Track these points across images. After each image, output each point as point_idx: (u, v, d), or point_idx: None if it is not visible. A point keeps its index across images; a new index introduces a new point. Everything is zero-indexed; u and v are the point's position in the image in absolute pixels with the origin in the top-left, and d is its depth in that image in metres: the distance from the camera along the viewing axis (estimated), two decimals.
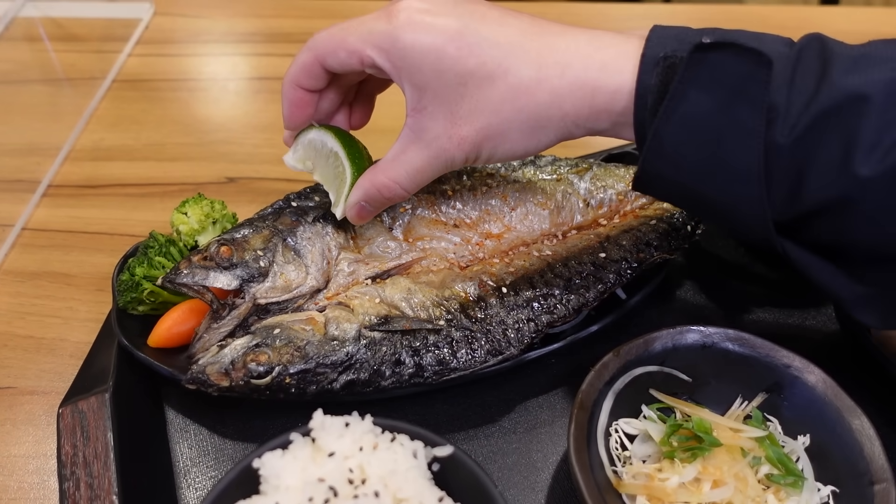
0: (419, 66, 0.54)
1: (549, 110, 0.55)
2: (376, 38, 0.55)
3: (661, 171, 0.54)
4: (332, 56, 0.58)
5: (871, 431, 0.57)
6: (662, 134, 0.52)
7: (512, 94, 0.55)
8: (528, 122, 0.56)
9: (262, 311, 0.66)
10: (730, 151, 0.50)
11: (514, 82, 0.54)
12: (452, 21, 0.54)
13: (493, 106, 0.55)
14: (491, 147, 0.58)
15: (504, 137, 0.57)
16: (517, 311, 0.66)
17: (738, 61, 0.49)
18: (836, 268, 0.54)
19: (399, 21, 0.54)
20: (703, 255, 0.81)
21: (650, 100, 0.52)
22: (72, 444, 0.59)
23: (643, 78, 0.52)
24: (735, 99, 0.50)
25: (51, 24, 1.28)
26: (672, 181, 0.54)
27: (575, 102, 0.54)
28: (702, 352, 0.63)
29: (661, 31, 0.53)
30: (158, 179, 0.96)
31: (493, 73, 0.54)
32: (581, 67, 0.54)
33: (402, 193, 0.61)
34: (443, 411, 0.68)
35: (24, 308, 0.80)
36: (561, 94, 0.54)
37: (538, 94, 0.54)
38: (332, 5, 1.34)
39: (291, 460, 0.50)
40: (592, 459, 0.57)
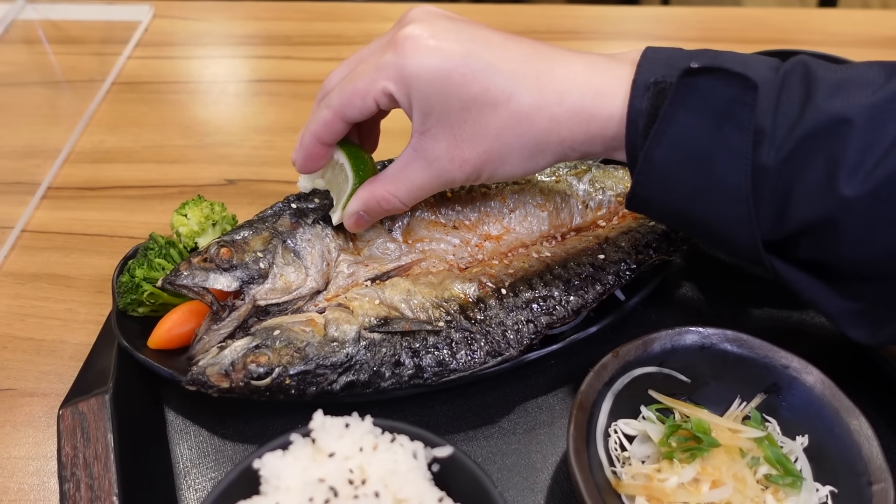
0: (426, 92, 0.56)
1: (547, 136, 0.56)
2: (385, 72, 0.56)
3: (653, 193, 0.55)
4: (350, 107, 0.59)
5: (870, 432, 0.57)
6: (653, 157, 0.53)
7: (513, 121, 0.56)
8: (528, 146, 0.57)
9: (261, 312, 0.66)
10: (718, 174, 0.52)
11: (515, 109, 0.56)
12: (457, 47, 0.55)
13: (495, 132, 0.57)
14: (491, 169, 0.59)
15: (504, 161, 0.59)
16: (516, 313, 0.66)
17: (725, 86, 0.51)
18: (823, 284, 0.55)
19: (405, 50, 0.55)
20: (701, 256, 0.82)
21: (641, 123, 0.53)
22: (72, 445, 0.60)
23: (634, 102, 0.54)
24: (723, 122, 0.51)
25: (50, 26, 1.28)
26: (663, 202, 0.56)
27: (572, 128, 0.56)
28: (700, 353, 0.63)
29: (651, 55, 0.55)
30: (158, 181, 0.96)
31: (496, 99, 0.56)
32: (578, 95, 0.55)
33: (400, 207, 0.63)
34: (442, 412, 0.68)
35: (24, 310, 0.80)
36: (559, 120, 0.56)
37: (538, 121, 0.56)
38: (330, 8, 1.34)
39: (292, 461, 0.50)
40: (592, 460, 0.58)
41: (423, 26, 0.56)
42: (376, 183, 0.63)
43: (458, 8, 1.49)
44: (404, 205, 0.63)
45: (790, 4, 2.50)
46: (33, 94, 1.14)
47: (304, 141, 0.63)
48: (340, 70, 0.64)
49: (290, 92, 1.12)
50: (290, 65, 1.18)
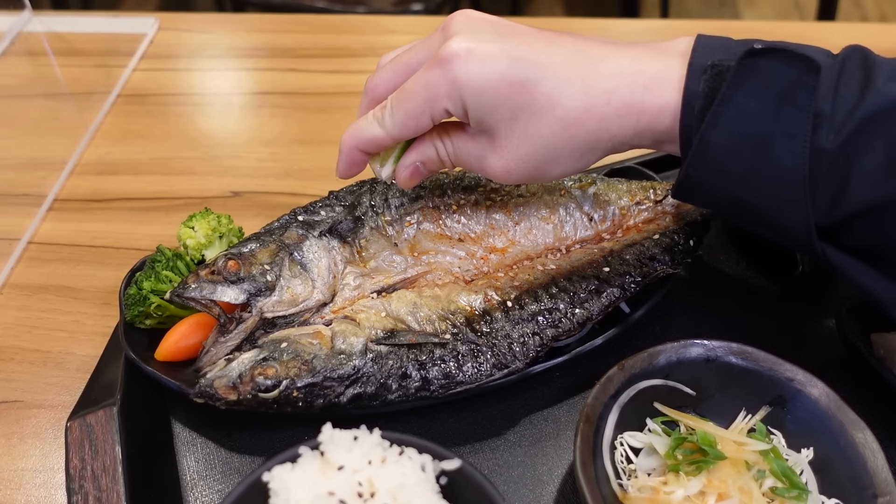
0: (477, 103, 0.56)
1: (597, 135, 0.57)
2: (437, 90, 0.56)
3: (706, 176, 0.55)
4: (405, 129, 0.60)
5: (875, 445, 0.57)
6: (709, 139, 0.53)
7: (561, 127, 0.56)
8: (578, 148, 0.58)
9: (268, 324, 0.66)
10: (776, 156, 0.52)
11: (562, 115, 0.56)
12: (503, 56, 0.55)
13: (544, 140, 0.57)
14: (540, 174, 0.60)
15: (553, 165, 0.59)
16: (522, 325, 0.66)
17: (787, 67, 0.51)
18: (875, 271, 0.55)
19: (454, 65, 0.55)
20: (705, 268, 0.82)
21: (697, 106, 0.53)
22: (80, 457, 0.60)
23: (690, 85, 0.54)
24: (783, 104, 0.51)
25: (55, 38, 1.29)
26: (715, 187, 0.56)
27: (622, 125, 0.56)
28: (705, 365, 0.64)
29: (705, 42, 0.55)
30: (164, 193, 0.97)
31: (542, 108, 0.56)
32: (626, 93, 0.55)
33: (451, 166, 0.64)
34: (448, 424, 0.68)
35: (31, 322, 0.81)
36: (608, 119, 0.56)
37: (586, 123, 0.56)
38: (334, 20, 1.35)
39: (301, 474, 0.50)
40: (598, 473, 0.58)
41: (469, 38, 0.56)
42: (434, 132, 0.62)
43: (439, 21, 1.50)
44: (452, 166, 0.64)
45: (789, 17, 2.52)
46: (39, 106, 1.15)
47: (346, 151, 0.63)
48: (387, 75, 0.62)
49: (294, 104, 1.13)
50: (295, 77, 1.19)
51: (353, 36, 1.29)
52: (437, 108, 0.57)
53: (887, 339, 0.69)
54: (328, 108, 1.12)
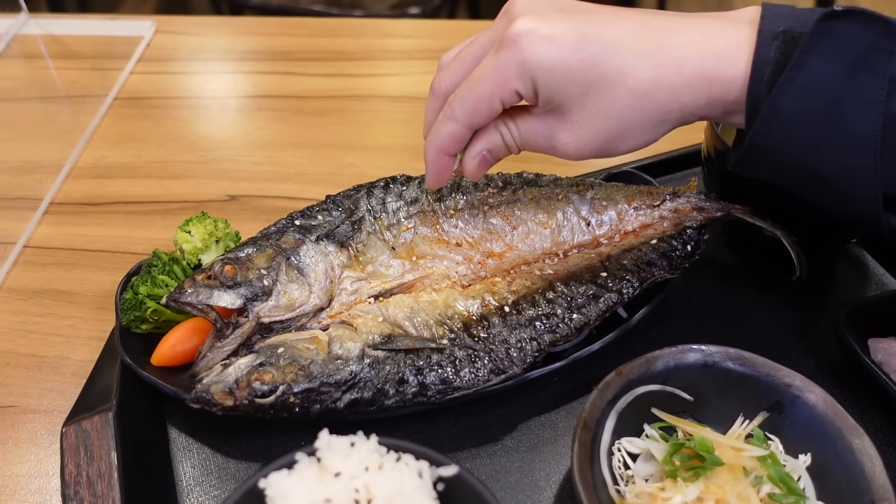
0: (548, 83, 0.56)
1: (668, 105, 0.56)
2: (507, 72, 0.56)
3: (772, 144, 0.54)
4: (477, 115, 0.59)
5: (873, 450, 0.57)
6: (779, 104, 0.52)
7: (633, 99, 0.56)
8: (650, 120, 0.57)
9: (265, 329, 0.66)
10: (848, 122, 0.51)
11: (633, 86, 0.55)
12: (570, 34, 0.55)
13: (616, 112, 0.57)
14: (610, 149, 0.59)
15: (624, 138, 0.59)
16: (520, 330, 0.66)
17: (863, 31, 0.50)
18: None
19: (522, 45, 0.55)
20: (703, 274, 0.82)
21: (767, 72, 0.53)
22: (75, 463, 0.59)
23: (761, 51, 0.53)
24: (857, 69, 0.50)
25: (52, 41, 1.29)
26: (781, 155, 0.55)
27: (693, 95, 0.56)
28: (703, 371, 0.64)
29: (773, 9, 0.55)
30: (160, 197, 0.97)
31: (613, 81, 0.55)
32: (698, 62, 0.55)
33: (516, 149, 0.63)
34: (445, 430, 0.68)
35: (26, 326, 0.80)
36: (680, 89, 0.55)
37: (658, 94, 0.56)
38: (332, 23, 1.35)
39: (298, 481, 0.50)
40: (595, 478, 0.58)
41: (534, 18, 0.55)
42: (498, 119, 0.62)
43: (455, 24, 1.50)
44: (519, 149, 0.63)
45: None
46: (35, 109, 1.15)
47: (432, 158, 0.62)
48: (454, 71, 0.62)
49: (291, 108, 1.13)
50: (292, 80, 1.19)
51: (351, 39, 1.29)
52: (507, 89, 0.57)
53: (885, 344, 0.69)
54: (325, 112, 1.12)
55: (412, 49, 1.27)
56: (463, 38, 0.64)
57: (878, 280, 0.82)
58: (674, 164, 0.95)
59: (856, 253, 0.85)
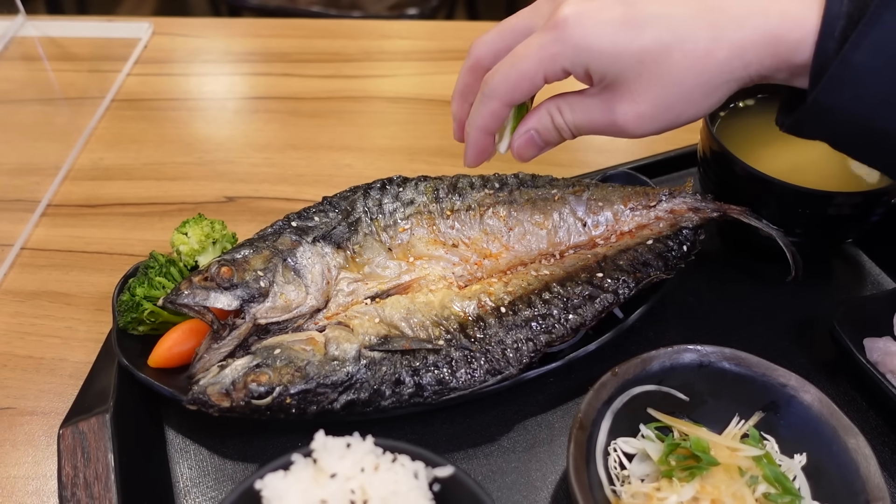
0: (599, 59, 0.55)
1: (730, 64, 0.54)
2: (554, 49, 0.55)
3: (839, 102, 0.53)
4: (518, 92, 0.59)
5: (868, 450, 0.57)
6: (851, 60, 0.50)
7: (690, 62, 0.54)
8: (712, 80, 0.56)
9: (262, 331, 0.66)
10: None
11: (690, 49, 0.54)
12: (619, 7, 0.54)
13: (674, 77, 0.55)
14: (673, 116, 0.58)
15: (687, 103, 0.57)
16: (516, 331, 0.66)
17: None
18: None
19: (569, 24, 0.54)
20: (699, 274, 0.82)
21: (838, 27, 0.51)
22: (72, 465, 0.60)
23: (831, 6, 0.51)
24: None
25: (49, 43, 1.29)
26: (847, 113, 0.53)
27: (758, 52, 0.54)
28: (699, 371, 0.64)
29: None
30: (158, 199, 0.97)
31: (669, 45, 0.54)
32: (761, 18, 0.53)
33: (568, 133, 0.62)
34: (442, 431, 0.68)
35: (24, 328, 0.80)
36: (742, 45, 0.54)
37: (718, 53, 0.54)
38: (329, 25, 1.35)
39: (294, 482, 0.50)
40: (591, 479, 0.58)
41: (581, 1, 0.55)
42: (549, 100, 0.61)
43: (453, 26, 1.51)
44: (572, 133, 0.62)
45: None
46: (32, 110, 1.15)
47: (473, 138, 0.62)
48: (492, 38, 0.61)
49: (289, 109, 1.13)
50: (289, 82, 1.19)
51: (349, 41, 1.29)
52: (553, 68, 0.56)
53: (880, 344, 0.69)
54: (323, 114, 1.12)
55: (410, 50, 1.27)
56: (461, 39, 0.64)
57: (873, 280, 0.83)
58: (670, 165, 0.95)
59: (851, 252, 0.85)
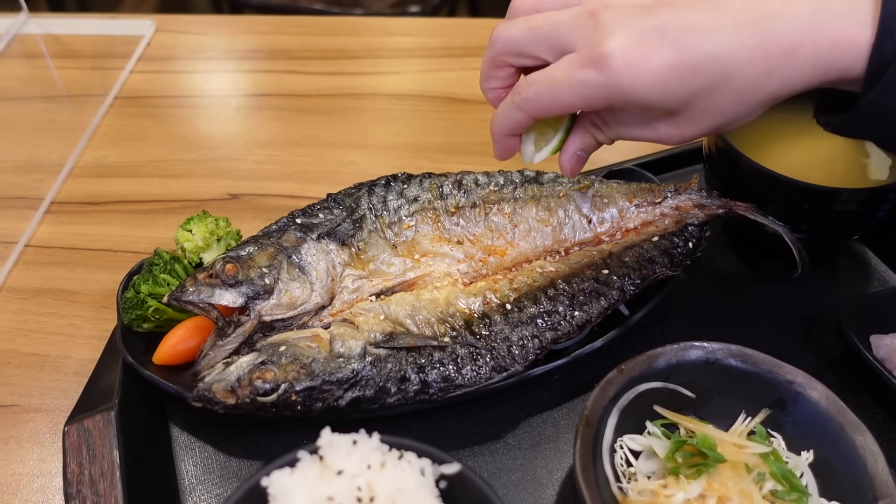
0: (643, 100, 0.54)
1: (778, 92, 0.54)
2: (592, 90, 0.54)
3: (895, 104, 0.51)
4: (549, 114, 0.59)
5: (875, 447, 0.57)
6: None
7: (739, 97, 0.54)
8: (756, 108, 0.56)
9: (267, 328, 0.66)
10: None
11: (740, 85, 0.53)
12: (668, 51, 0.52)
13: (720, 109, 0.55)
14: (713, 131, 0.58)
15: (729, 124, 0.57)
16: (521, 328, 0.66)
17: None
18: None
19: (616, 72, 0.53)
20: (705, 271, 0.82)
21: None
22: (78, 462, 0.60)
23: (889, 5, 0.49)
24: None
25: (52, 40, 1.29)
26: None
27: (805, 81, 0.53)
28: (705, 368, 0.63)
29: None
30: (161, 196, 0.97)
31: (717, 85, 0.53)
32: (812, 50, 0.52)
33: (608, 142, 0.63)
34: (447, 428, 0.68)
35: (28, 325, 0.80)
36: (791, 79, 0.53)
37: (767, 86, 0.54)
38: (332, 22, 1.35)
39: (300, 479, 0.50)
40: (598, 476, 0.58)
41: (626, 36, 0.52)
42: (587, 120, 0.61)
43: (455, 23, 1.50)
44: (611, 142, 0.62)
45: None
46: (36, 108, 1.15)
47: (498, 139, 0.62)
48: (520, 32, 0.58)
49: (292, 106, 1.13)
50: (292, 79, 1.19)
51: (351, 38, 1.28)
52: (591, 104, 0.56)
53: (887, 341, 0.69)
54: (326, 110, 1.12)
55: (412, 47, 1.26)
56: (463, 36, 0.64)
57: (879, 276, 0.82)
58: (675, 162, 0.95)
59: (858, 250, 0.85)
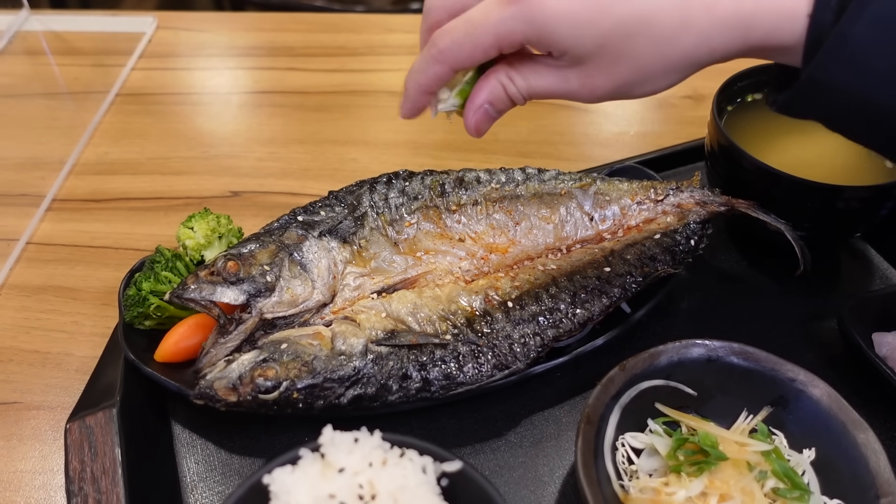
0: (557, 36, 0.52)
1: (695, 51, 0.52)
2: (509, 24, 0.53)
3: (836, 78, 0.50)
4: (469, 62, 0.56)
5: (877, 445, 0.57)
6: (849, 33, 0.47)
7: (654, 47, 0.52)
8: (672, 66, 0.54)
9: (268, 325, 0.66)
10: None
11: (655, 33, 0.52)
12: None
13: (635, 60, 0.53)
14: (627, 90, 0.56)
15: (645, 82, 0.55)
16: (523, 326, 0.66)
17: None
18: None
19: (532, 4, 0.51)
20: (707, 269, 0.82)
21: None
22: (79, 459, 0.60)
23: None
24: None
25: (54, 38, 1.29)
26: (845, 91, 0.50)
27: (725, 39, 0.51)
28: (707, 366, 0.63)
29: None
30: (163, 193, 0.97)
31: (632, 28, 0.51)
32: (731, 4, 0.50)
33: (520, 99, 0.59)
34: (449, 426, 0.68)
35: (30, 322, 0.80)
36: (709, 34, 0.51)
37: (683, 39, 0.52)
38: (333, 19, 1.35)
39: (301, 476, 0.50)
40: (599, 474, 0.58)
41: None
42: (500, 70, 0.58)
43: None
44: (524, 99, 0.59)
45: None
46: (37, 105, 1.15)
47: (413, 94, 0.60)
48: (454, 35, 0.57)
49: (293, 103, 1.13)
50: (294, 76, 1.18)
51: (352, 34, 1.28)
52: (511, 42, 0.54)
53: (889, 339, 0.69)
54: (327, 107, 1.12)
55: (414, 44, 1.26)
56: None
57: (882, 274, 0.82)
58: (677, 159, 0.94)
59: (860, 247, 0.85)
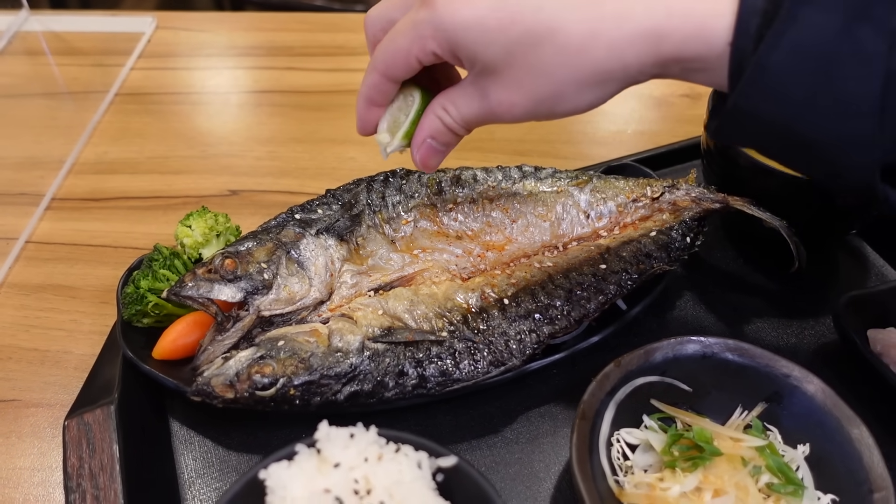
0: (466, 43, 0.52)
1: (607, 64, 0.51)
2: (421, 30, 0.53)
3: (758, 107, 0.49)
4: (395, 68, 0.57)
5: (871, 440, 0.57)
6: (767, 62, 0.47)
7: (562, 57, 0.51)
8: (586, 79, 0.53)
9: (265, 323, 0.67)
10: (845, 80, 0.46)
11: (563, 42, 0.51)
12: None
13: (544, 70, 0.52)
14: (546, 109, 0.55)
15: (560, 98, 0.54)
16: (519, 323, 0.66)
17: None
18: None
19: (437, 7, 0.52)
20: (702, 265, 0.82)
21: (754, 25, 0.47)
22: (78, 456, 0.60)
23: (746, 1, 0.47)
24: (857, 21, 0.45)
25: (53, 38, 1.29)
26: (768, 120, 0.49)
27: (637, 52, 0.50)
28: (702, 362, 0.64)
29: None
30: (162, 192, 0.97)
31: (540, 37, 0.51)
32: (643, 15, 0.50)
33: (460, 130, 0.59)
34: (445, 422, 0.69)
35: (29, 321, 0.81)
36: (620, 46, 0.50)
37: (593, 51, 0.51)
38: (332, 18, 1.35)
39: (297, 472, 0.50)
40: (594, 469, 0.58)
41: None
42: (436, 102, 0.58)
43: None
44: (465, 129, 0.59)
45: None
46: (37, 105, 1.15)
47: (359, 106, 0.60)
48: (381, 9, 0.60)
49: (292, 103, 1.13)
50: (293, 76, 1.19)
51: (352, 34, 1.29)
52: (423, 50, 0.54)
53: (884, 335, 0.69)
54: (326, 107, 1.12)
55: None
56: None
57: (877, 271, 0.82)
58: (673, 157, 0.95)
59: (855, 244, 0.85)
